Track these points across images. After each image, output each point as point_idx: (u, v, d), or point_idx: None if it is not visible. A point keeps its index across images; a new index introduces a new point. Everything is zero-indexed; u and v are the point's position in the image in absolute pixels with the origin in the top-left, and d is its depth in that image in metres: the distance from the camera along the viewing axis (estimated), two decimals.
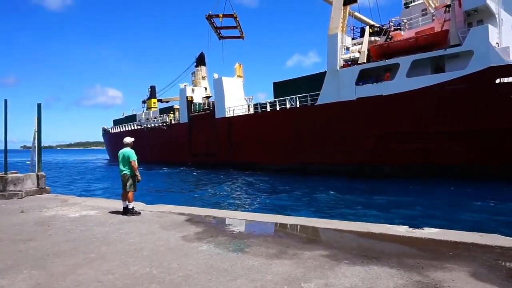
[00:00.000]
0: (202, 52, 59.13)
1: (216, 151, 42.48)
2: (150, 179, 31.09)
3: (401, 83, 26.11)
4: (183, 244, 6.26)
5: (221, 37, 46.01)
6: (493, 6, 24.70)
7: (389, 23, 31.04)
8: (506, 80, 22.42)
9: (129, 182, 9.27)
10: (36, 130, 13.28)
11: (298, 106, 33.87)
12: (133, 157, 9.35)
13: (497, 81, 22.59)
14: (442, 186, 21.47)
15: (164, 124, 53.68)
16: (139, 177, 9.39)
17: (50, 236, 7.09)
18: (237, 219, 8.62)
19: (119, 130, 67.82)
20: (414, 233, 6.38)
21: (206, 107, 47.49)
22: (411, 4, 32.26)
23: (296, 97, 33.90)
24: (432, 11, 28.53)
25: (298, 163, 32.85)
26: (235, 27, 44.17)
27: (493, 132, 22.77)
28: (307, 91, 32.71)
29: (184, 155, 48.18)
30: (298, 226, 7.58)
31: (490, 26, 23.51)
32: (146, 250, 5.96)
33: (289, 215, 11.47)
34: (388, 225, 7.18)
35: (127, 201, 9.25)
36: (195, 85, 56.20)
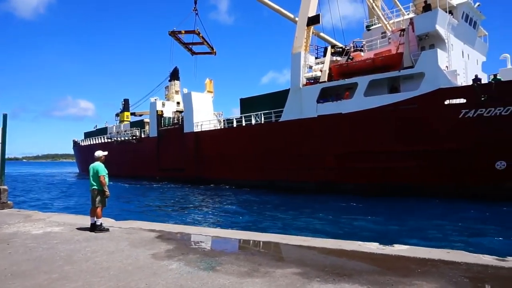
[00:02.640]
0: (176, 67, 58.60)
1: (184, 166, 41.57)
2: (120, 194, 29.88)
3: (359, 102, 26.62)
4: (153, 263, 5.83)
5: (193, 53, 45.83)
6: (442, 32, 25.86)
7: (350, 44, 31.86)
8: (454, 101, 23.26)
9: (98, 197, 8.72)
10: (0, 141, 12.38)
11: (263, 122, 33.88)
12: (102, 172, 8.82)
13: (446, 102, 23.38)
14: (401, 203, 21.90)
15: (134, 138, 52.25)
16: (107, 193, 8.84)
17: (9, 255, 6.47)
18: (209, 236, 8.24)
19: (90, 143, 65.45)
20: (384, 250, 6.29)
21: (176, 121, 46.70)
22: (372, 27, 33.35)
23: (261, 113, 33.92)
24: (389, 34, 29.54)
25: (263, 179, 32.62)
26: (201, 43, 44.08)
27: (442, 152, 23.40)
28: (272, 108, 32.80)
29: (152, 169, 46.91)
30: (271, 243, 7.29)
31: (439, 50, 24.52)
32: (113, 269, 5.50)
33: (261, 231, 11.17)
34: (360, 242, 7.04)
35: (95, 217, 8.67)
36: (168, 99, 55.30)
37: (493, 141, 22.19)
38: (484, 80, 25.66)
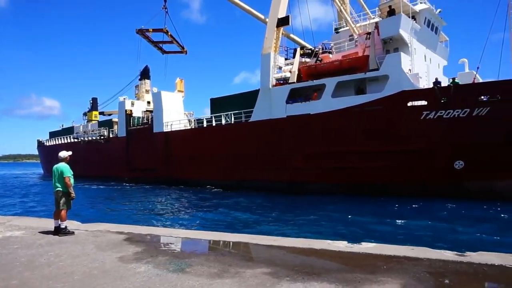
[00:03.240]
0: (147, 66, 57.33)
1: (154, 166, 40.78)
2: (87, 196, 28.95)
3: (327, 102, 27.03)
4: (120, 266, 5.66)
5: (163, 52, 45.07)
6: (406, 36, 26.66)
7: (319, 46, 32.31)
8: (416, 103, 24.03)
9: (62, 199, 8.37)
10: None
11: (233, 122, 33.80)
12: (67, 173, 8.47)
13: (409, 104, 24.13)
14: (365, 203, 22.36)
15: (102, 137, 50.75)
16: (73, 195, 8.51)
17: None
18: (179, 237, 8.10)
19: (55, 143, 62.97)
20: (353, 248, 6.38)
21: (145, 121, 45.75)
22: (340, 30, 33.94)
23: (231, 113, 33.84)
24: (356, 37, 30.16)
25: (233, 179, 32.55)
26: (170, 42, 43.44)
27: (406, 152, 24.09)
28: (242, 108, 32.78)
29: (121, 170, 45.73)
30: (241, 244, 7.25)
31: (402, 54, 25.29)
32: (78, 274, 5.29)
33: (231, 232, 11.11)
34: (329, 241, 7.11)
35: (59, 220, 8.33)
36: (138, 99, 54.00)
37: (452, 142, 23.12)
38: (445, 84, 26.68)
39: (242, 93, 35.32)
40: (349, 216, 17.76)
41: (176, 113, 41.88)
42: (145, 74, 56.45)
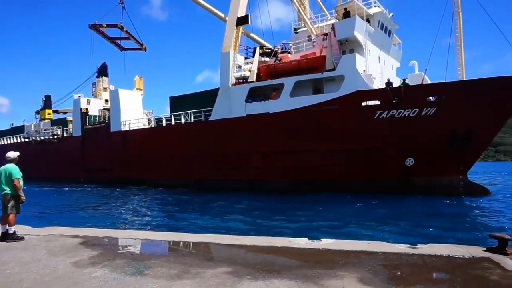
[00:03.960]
0: (104, 62, 54.84)
1: (111, 166, 39.44)
2: (38, 198, 27.41)
3: (285, 102, 27.40)
4: (74, 271, 5.45)
5: (122, 49, 43.59)
6: (360, 38, 27.51)
7: (278, 46, 32.63)
8: (370, 103, 24.93)
9: (11, 203, 7.91)
10: None
11: (192, 121, 33.40)
12: (16, 175, 8.01)
13: (363, 103, 24.99)
14: (325, 200, 22.88)
15: (55, 137, 48.34)
16: (23, 198, 8.06)
17: None
18: (138, 239, 7.89)
19: (3, 143, 59.16)
20: (313, 244, 6.50)
21: (102, 119, 44.10)
22: (299, 30, 34.36)
23: (190, 112, 33.42)
24: (314, 37, 30.76)
25: (193, 179, 32.23)
26: (127, 38, 42.13)
27: (361, 150, 24.96)
28: (202, 107, 32.48)
29: (76, 170, 43.85)
30: (202, 244, 7.19)
31: (357, 55, 26.14)
32: (27, 282, 5.03)
33: (192, 232, 10.96)
34: (290, 238, 7.22)
35: (7, 225, 7.86)
36: (96, 96, 51.81)
37: (403, 140, 24.22)
38: (397, 84, 27.83)
39: (202, 92, 35.00)
40: (310, 213, 18.07)
41: (135, 112, 40.78)
42: (102, 71, 54.28)
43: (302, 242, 6.75)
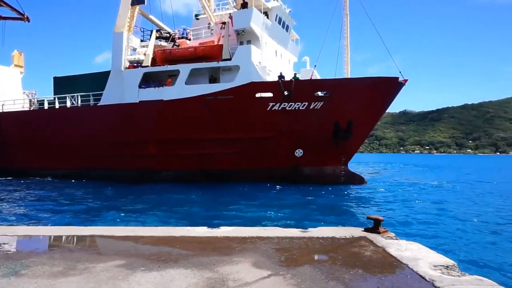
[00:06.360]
0: None
1: None
2: None
3: (181, 89, 26.45)
4: None
5: None
6: (257, 30, 27.55)
7: (176, 31, 31.27)
8: (264, 95, 25.29)
9: None
10: None
11: (79, 105, 30.50)
12: None
13: (257, 95, 25.24)
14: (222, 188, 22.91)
15: None
16: None
17: None
18: (16, 235, 6.56)
19: None
20: (212, 232, 6.38)
21: None
22: (200, 16, 33.25)
23: (77, 95, 30.44)
24: (212, 25, 30.05)
25: (82, 168, 29.58)
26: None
27: (254, 140, 25.29)
28: (91, 90, 29.72)
29: None
30: (94, 237, 6.39)
31: (253, 47, 26.20)
32: None
33: (83, 225, 9.80)
34: (189, 228, 6.93)
35: None
36: None
37: (293, 132, 25.12)
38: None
39: (92, 74, 32.11)
40: (209, 202, 18.04)
41: (12, 92, 35.84)
42: None
43: (201, 231, 6.57)
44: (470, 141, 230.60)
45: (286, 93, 24.37)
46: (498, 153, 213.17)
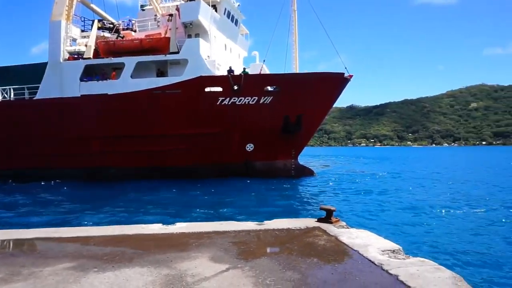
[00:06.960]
0: None
1: None
2: None
3: (126, 83, 25.43)
4: None
5: None
6: (205, 23, 27.12)
7: (120, 22, 29.93)
8: (213, 89, 25.01)
9: None
10: None
11: (12, 99, 28.26)
12: None
13: (207, 89, 24.91)
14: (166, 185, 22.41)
15: None
16: None
17: None
18: None
19: None
20: (167, 229, 6.26)
21: None
22: (146, 7, 31.98)
23: (10, 88, 28.16)
24: (159, 17, 29.09)
25: (14, 168, 27.44)
26: None
27: (204, 136, 24.93)
28: (25, 83, 27.62)
29: None
30: (40, 240, 5.88)
31: (201, 40, 25.80)
32: None
33: (24, 228, 9.01)
34: (143, 225, 6.75)
35: None
36: None
37: (244, 127, 25.15)
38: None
39: (27, 65, 29.86)
40: (162, 199, 17.72)
41: None
42: None
43: (156, 228, 6.40)
44: (410, 134, 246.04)
45: (235, 87, 24.31)
46: (434, 145, 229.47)
